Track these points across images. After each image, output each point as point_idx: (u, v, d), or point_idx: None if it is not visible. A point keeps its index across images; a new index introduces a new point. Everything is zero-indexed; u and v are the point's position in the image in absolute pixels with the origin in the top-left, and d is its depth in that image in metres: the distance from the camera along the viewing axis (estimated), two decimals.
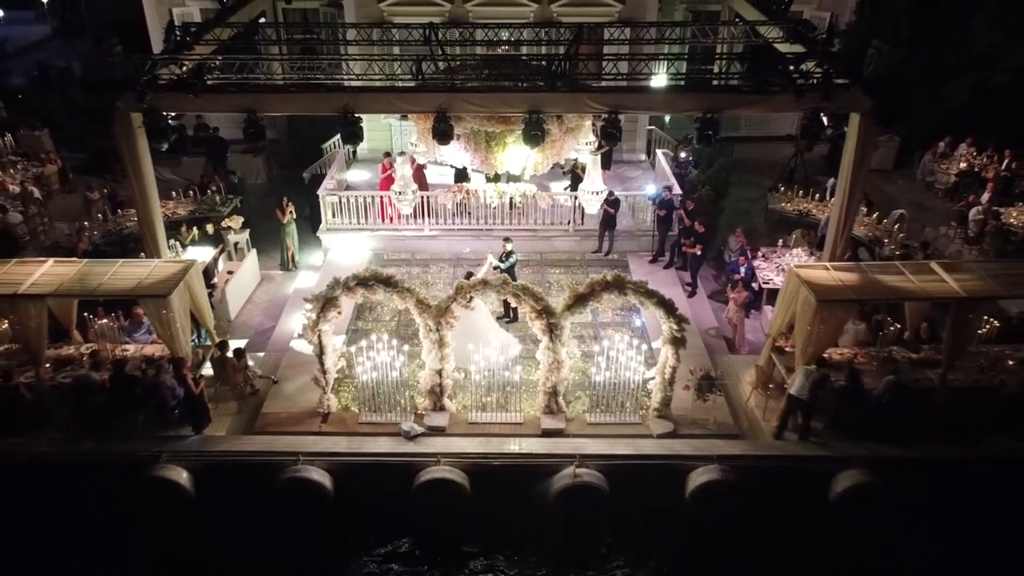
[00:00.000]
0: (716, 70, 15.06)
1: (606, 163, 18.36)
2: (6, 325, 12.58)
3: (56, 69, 26.40)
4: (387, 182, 17.01)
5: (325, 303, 11.38)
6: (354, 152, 20.36)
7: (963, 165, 20.03)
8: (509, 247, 14.39)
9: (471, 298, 11.40)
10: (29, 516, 11.24)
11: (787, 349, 12.38)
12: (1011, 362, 12.29)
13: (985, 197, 17.87)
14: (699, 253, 15.31)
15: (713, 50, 17.62)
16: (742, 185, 20.68)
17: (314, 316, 11.42)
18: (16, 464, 11.34)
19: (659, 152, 19.12)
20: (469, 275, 12.58)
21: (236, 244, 16.66)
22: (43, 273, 11.87)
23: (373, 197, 16.98)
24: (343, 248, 17.03)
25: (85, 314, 12.81)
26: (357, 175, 19.70)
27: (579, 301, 11.25)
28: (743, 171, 21.39)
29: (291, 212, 16.76)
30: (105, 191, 17.83)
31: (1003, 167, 19.34)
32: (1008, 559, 10.96)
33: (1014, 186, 18.96)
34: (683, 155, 20.25)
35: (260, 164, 21.53)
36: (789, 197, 18.20)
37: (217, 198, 17.94)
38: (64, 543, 11.19)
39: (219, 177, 19.03)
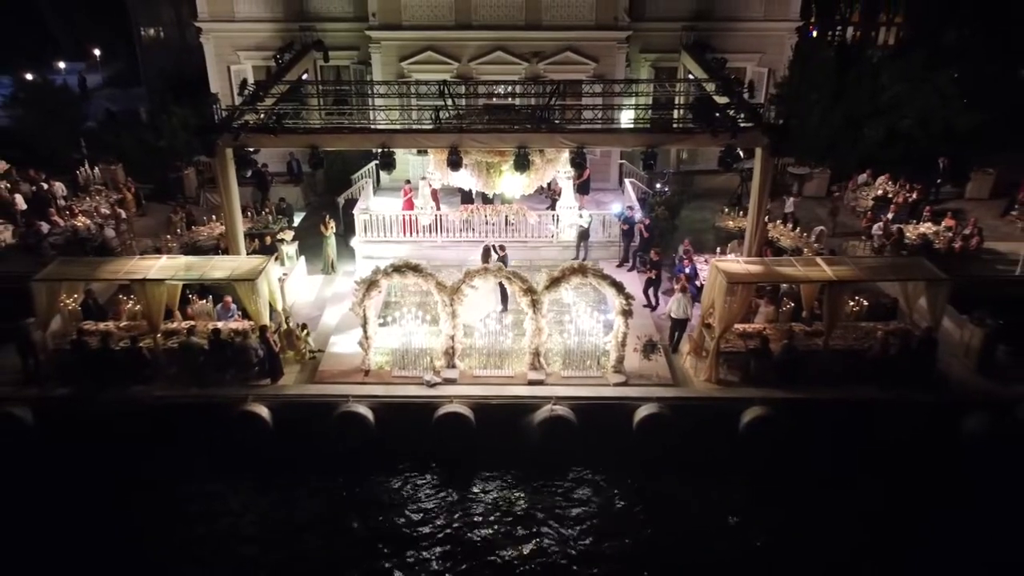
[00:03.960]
0: (675, 115, 19.39)
1: (585, 189, 22.73)
2: (130, 304, 16.85)
3: (121, 112, 31.02)
4: (408, 204, 21.37)
5: (369, 284, 15.58)
6: (378, 181, 24.73)
7: (879, 192, 24.43)
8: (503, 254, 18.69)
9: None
10: (151, 442, 15.26)
11: (712, 324, 16.51)
12: (880, 333, 16.40)
13: (888, 216, 22.26)
14: (653, 277, 19.03)
15: (671, 98, 22.03)
16: (699, 209, 25.00)
17: (360, 294, 15.62)
18: (141, 405, 15.42)
19: (627, 180, 23.50)
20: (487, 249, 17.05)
21: (287, 253, 20.83)
22: (160, 266, 16.12)
23: (396, 215, 21.25)
24: (373, 255, 21.13)
25: (189, 294, 17.02)
26: (381, 200, 23.98)
27: (554, 282, 15.47)
28: (702, 198, 25.77)
29: (332, 227, 21.03)
30: (183, 213, 22.13)
31: (911, 194, 23.74)
32: (870, 474, 14.93)
33: (919, 209, 23.30)
34: (658, 185, 24.66)
35: (299, 192, 25.89)
36: (732, 217, 22.42)
37: (270, 218, 22.21)
38: (175, 460, 15.20)
39: (268, 202, 23.39)
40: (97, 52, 42.84)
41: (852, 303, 16.82)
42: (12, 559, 13.10)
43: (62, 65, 40.49)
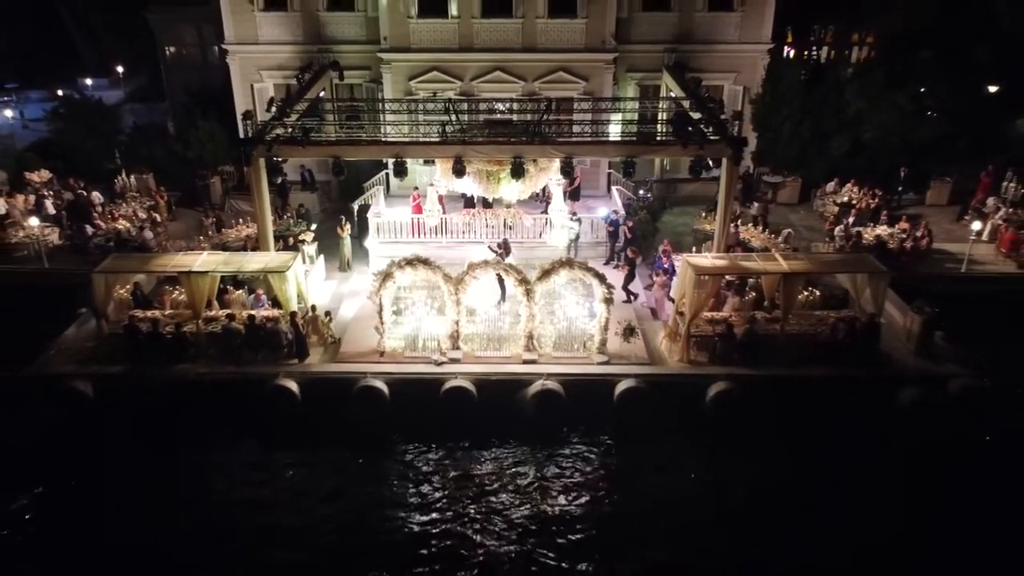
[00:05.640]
0: (658, 129, 21.74)
1: (576, 195, 25.16)
2: (174, 294, 19.21)
3: (147, 126, 33.51)
4: (416, 208, 23.77)
5: (385, 276, 17.94)
6: (388, 189, 27.13)
7: (844, 199, 26.82)
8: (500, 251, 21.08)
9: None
10: (195, 412, 17.56)
11: (684, 312, 18.83)
12: (831, 319, 18.73)
13: (850, 221, 24.64)
14: (626, 273, 21.32)
15: (654, 113, 24.45)
16: (681, 214, 27.43)
17: (377, 285, 17.98)
18: (186, 380, 17.74)
19: (614, 187, 25.94)
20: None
21: (308, 253, 23.16)
22: (202, 260, 18.49)
23: (406, 218, 23.58)
24: (385, 255, 23.44)
25: (227, 286, 19.37)
26: (391, 205, 26.33)
27: (545, 274, 17.83)
28: (684, 203, 28.18)
29: (347, 229, 23.41)
30: (214, 217, 24.53)
31: (873, 201, 26.16)
32: (819, 439, 17.23)
33: (879, 213, 25.67)
34: (641, 191, 27.11)
35: (316, 199, 28.31)
36: (710, 221, 24.75)
37: (291, 221, 24.60)
38: (216, 428, 17.51)
39: (289, 207, 25.80)
40: (120, 69, 45.48)
41: (806, 293, 19.16)
42: (69, 513, 15.42)
43: (89, 82, 43.07)
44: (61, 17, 46.05)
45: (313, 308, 19.01)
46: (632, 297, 20.86)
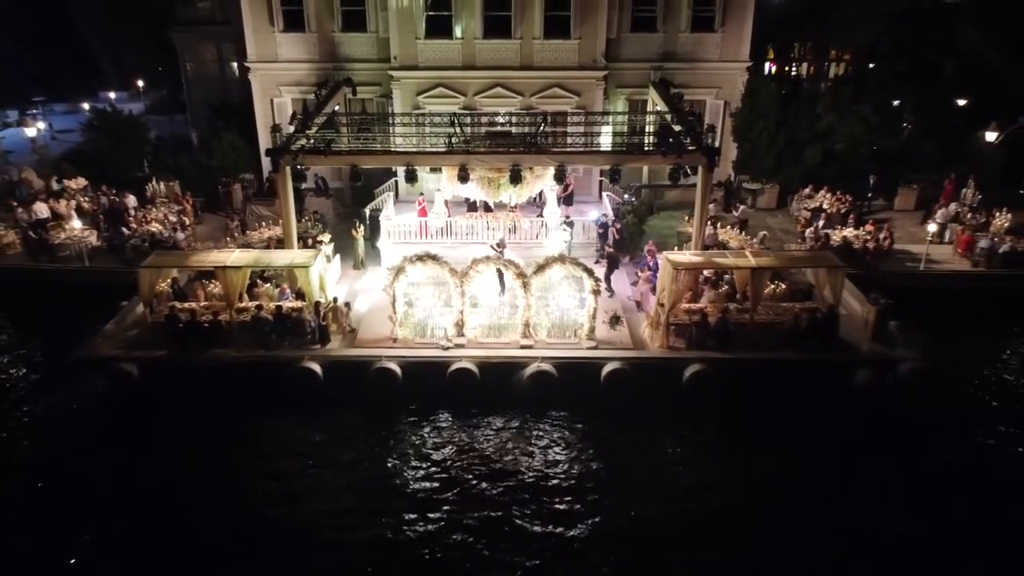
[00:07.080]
0: (644, 140, 24.02)
1: (570, 201, 27.45)
2: (209, 287, 21.46)
3: (169, 137, 35.90)
4: (421, 212, 26.06)
5: (398, 270, 20.19)
6: (397, 195, 29.42)
7: (816, 204, 29.11)
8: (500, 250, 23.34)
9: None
10: (228, 391, 19.76)
11: (665, 303, 21.06)
12: (796, 309, 20.95)
13: (820, 224, 26.94)
14: (605, 268, 23.70)
15: (641, 126, 26.75)
16: (668, 218, 29.64)
17: (391, 278, 20.22)
18: (221, 363, 19.94)
19: (605, 193, 28.25)
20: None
21: (325, 253, 25.37)
22: (235, 257, 20.73)
23: (414, 221, 25.86)
24: (395, 254, 25.68)
25: (256, 280, 21.62)
26: (399, 210, 28.58)
27: (540, 268, 20.09)
28: (670, 208, 30.41)
29: (361, 231, 25.68)
30: (238, 220, 26.82)
31: (844, 206, 28.46)
32: (783, 414, 19.43)
33: (848, 217, 27.96)
34: (626, 196, 29.39)
35: (330, 204, 30.60)
36: (692, 224, 26.98)
37: (308, 224, 26.89)
38: (249, 404, 19.71)
39: (306, 211, 28.09)
40: (140, 83, 47.94)
41: (773, 286, 21.42)
42: (118, 472, 17.59)
43: (112, 95, 45.49)
44: (83, 34, 48.52)
45: (335, 300, 21.25)
46: (609, 292, 23.02)
